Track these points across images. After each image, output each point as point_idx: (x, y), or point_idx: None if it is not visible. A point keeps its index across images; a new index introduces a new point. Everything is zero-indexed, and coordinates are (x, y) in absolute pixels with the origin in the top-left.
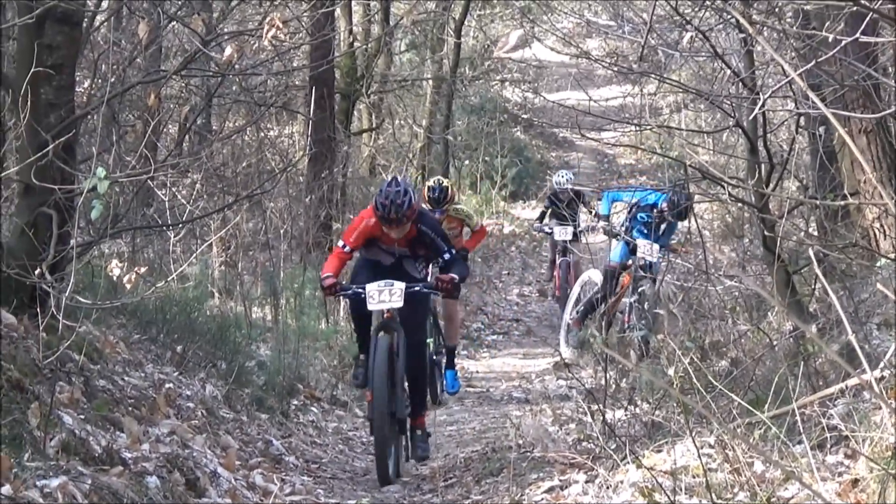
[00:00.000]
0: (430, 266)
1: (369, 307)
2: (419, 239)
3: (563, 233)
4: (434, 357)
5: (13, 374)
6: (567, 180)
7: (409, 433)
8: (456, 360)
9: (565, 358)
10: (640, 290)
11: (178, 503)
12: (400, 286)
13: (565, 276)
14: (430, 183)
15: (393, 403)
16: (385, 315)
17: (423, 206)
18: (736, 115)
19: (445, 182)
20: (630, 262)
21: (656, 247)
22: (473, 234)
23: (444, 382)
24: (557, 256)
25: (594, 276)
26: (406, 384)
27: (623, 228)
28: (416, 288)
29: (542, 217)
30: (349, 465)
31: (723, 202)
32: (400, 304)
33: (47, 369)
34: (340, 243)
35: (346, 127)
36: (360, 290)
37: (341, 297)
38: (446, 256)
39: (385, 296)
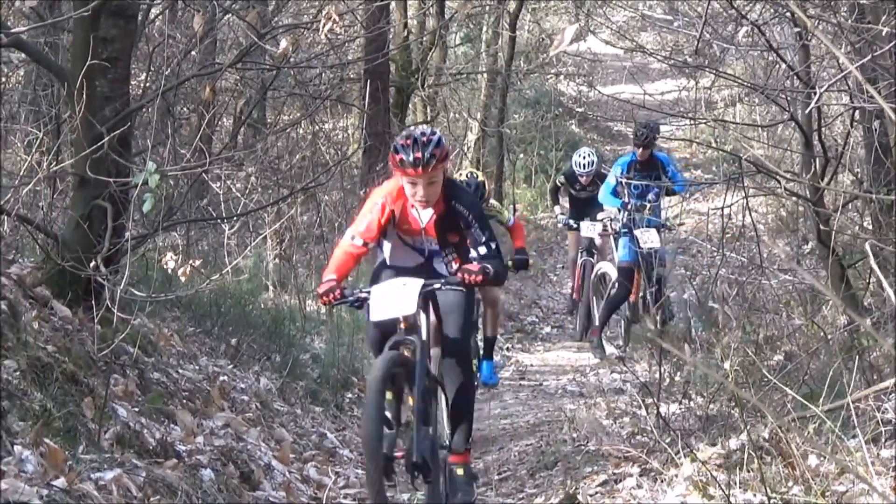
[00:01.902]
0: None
1: (372, 317)
2: (450, 219)
3: (590, 229)
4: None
5: (68, 366)
6: (589, 163)
7: (446, 474)
8: (510, 354)
9: (610, 354)
10: (654, 276)
11: (232, 496)
12: (414, 284)
13: (587, 277)
14: (463, 176)
15: (392, 441)
16: (401, 325)
17: None
18: (791, 109)
19: (480, 176)
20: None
21: (654, 232)
22: (515, 235)
23: (480, 372)
24: (580, 255)
25: (606, 268)
26: (444, 411)
27: (624, 219)
28: (436, 286)
29: (555, 196)
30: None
31: (777, 196)
32: (412, 309)
33: (102, 362)
34: (349, 235)
35: (401, 120)
36: (365, 295)
37: (347, 306)
38: (482, 251)
39: (392, 298)
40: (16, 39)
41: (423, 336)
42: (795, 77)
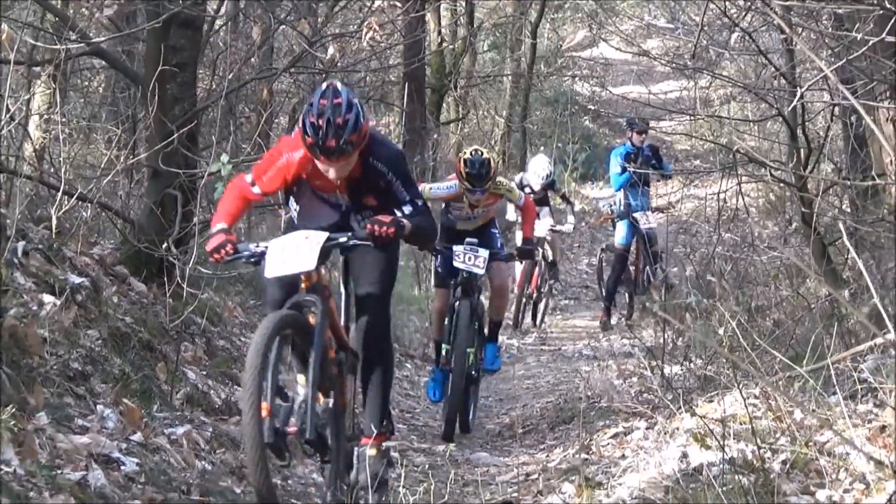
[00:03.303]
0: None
1: (267, 273)
2: (368, 181)
3: (539, 228)
4: (473, 373)
5: (144, 335)
6: (547, 175)
7: (357, 457)
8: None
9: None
10: (650, 251)
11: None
12: (318, 238)
13: (528, 275)
14: (468, 154)
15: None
16: (302, 284)
17: (460, 184)
18: (778, 106)
19: (486, 153)
20: (635, 239)
21: (650, 214)
22: (525, 218)
23: (483, 356)
24: None
25: (610, 244)
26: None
27: (621, 206)
28: (341, 240)
29: None
30: (439, 415)
31: (767, 182)
32: (311, 265)
33: (173, 331)
34: (248, 178)
35: (436, 117)
36: (262, 250)
37: (243, 262)
38: (407, 209)
39: (291, 253)
40: (97, 48)
41: (344, 300)
42: (782, 77)
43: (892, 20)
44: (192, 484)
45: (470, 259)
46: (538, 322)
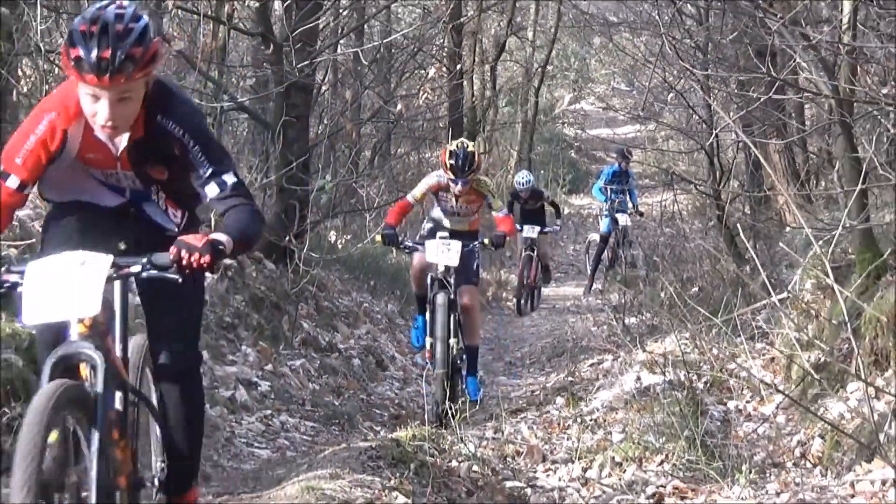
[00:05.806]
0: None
1: (25, 318)
2: (154, 146)
3: (530, 230)
4: (458, 364)
5: (273, 299)
6: (526, 182)
7: None
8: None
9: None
10: (626, 240)
11: (371, 375)
12: (99, 265)
13: (526, 269)
14: (453, 147)
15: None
16: (75, 329)
17: (442, 176)
18: (701, 142)
19: (471, 145)
20: (613, 231)
21: (626, 215)
22: (504, 226)
23: (466, 391)
24: (523, 251)
25: (594, 237)
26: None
27: (608, 207)
28: (134, 269)
29: (510, 207)
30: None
31: (693, 194)
32: (94, 308)
33: (293, 296)
34: None
35: None
36: (16, 278)
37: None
38: (212, 191)
39: (60, 291)
40: (242, 105)
41: (118, 341)
42: (704, 123)
43: (776, 85)
44: (306, 399)
45: (443, 252)
46: (534, 307)
